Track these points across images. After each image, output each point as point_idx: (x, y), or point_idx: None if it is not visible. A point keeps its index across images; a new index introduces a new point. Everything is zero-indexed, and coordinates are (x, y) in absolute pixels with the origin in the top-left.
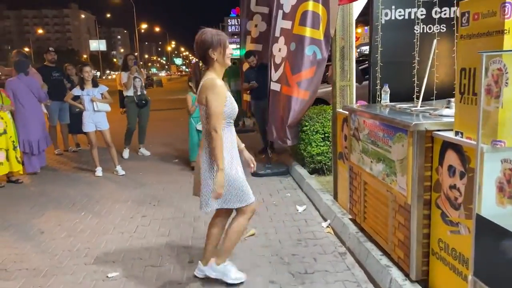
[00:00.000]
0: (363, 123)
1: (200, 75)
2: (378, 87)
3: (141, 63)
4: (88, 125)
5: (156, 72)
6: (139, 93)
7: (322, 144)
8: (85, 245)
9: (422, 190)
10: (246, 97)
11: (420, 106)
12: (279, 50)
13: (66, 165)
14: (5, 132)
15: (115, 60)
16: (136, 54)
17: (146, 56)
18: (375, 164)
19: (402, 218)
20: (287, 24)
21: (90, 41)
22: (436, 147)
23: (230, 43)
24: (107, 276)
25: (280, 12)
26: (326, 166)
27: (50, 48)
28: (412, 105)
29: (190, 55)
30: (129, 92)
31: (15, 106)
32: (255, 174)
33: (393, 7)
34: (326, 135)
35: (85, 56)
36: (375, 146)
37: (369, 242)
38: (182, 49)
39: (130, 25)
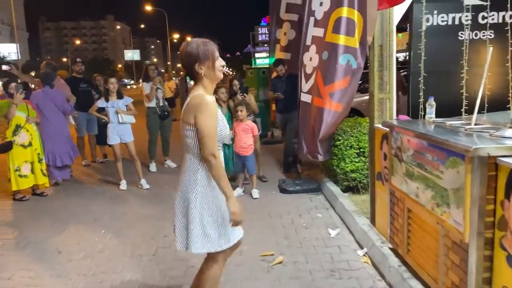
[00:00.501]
0: (407, 142)
1: (186, 90)
2: (421, 99)
3: (173, 72)
4: (113, 138)
5: (188, 80)
6: (161, 104)
7: (356, 160)
8: (101, 268)
9: (483, 227)
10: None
11: (475, 124)
12: (310, 59)
13: (92, 177)
14: (30, 144)
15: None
16: (168, 63)
17: (179, 65)
18: (422, 190)
19: (456, 258)
20: (319, 32)
21: (125, 51)
22: (502, 176)
23: (260, 51)
24: None
25: (312, 19)
26: (361, 184)
27: (78, 59)
28: (464, 121)
29: None
30: (151, 104)
31: (40, 118)
32: (283, 191)
33: (435, 12)
34: (361, 150)
35: (119, 65)
36: (422, 170)
37: (414, 279)
38: None
39: (163, 35)
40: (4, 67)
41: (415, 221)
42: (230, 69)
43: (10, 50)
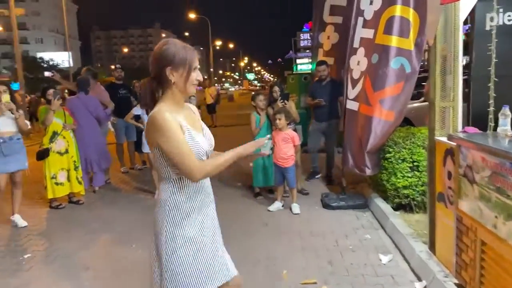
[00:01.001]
0: (482, 161)
1: (151, 95)
2: (491, 108)
3: (215, 78)
4: (147, 145)
5: (229, 86)
6: None
7: (409, 175)
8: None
9: None
10: None
11: None
12: (358, 63)
13: (129, 184)
14: (66, 151)
15: None
16: (211, 70)
17: (220, 71)
18: (503, 221)
19: None
20: (368, 33)
21: None
22: None
23: (301, 57)
24: None
25: (360, 19)
26: (415, 202)
27: (117, 65)
28: None
29: (262, 70)
30: None
31: (75, 125)
32: (326, 206)
33: (501, 10)
34: (415, 164)
35: None
36: (503, 196)
37: None
38: (255, 64)
39: (206, 42)
40: (47, 74)
41: (491, 257)
42: (271, 76)
43: (63, 58)
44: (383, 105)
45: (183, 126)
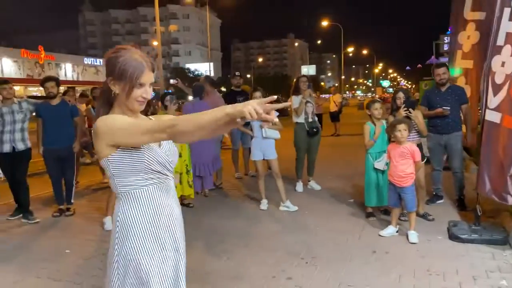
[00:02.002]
0: None
1: (104, 103)
2: None
3: (347, 86)
4: (256, 153)
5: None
6: (310, 119)
7: None
8: None
9: None
10: None
11: None
12: (502, 64)
13: (239, 190)
14: (180, 155)
15: (322, 83)
16: (342, 77)
17: (352, 79)
18: None
19: None
20: None
21: (302, 66)
22: None
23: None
24: None
25: (507, 11)
26: None
27: (236, 73)
28: None
29: (398, 77)
30: (300, 119)
31: None
32: (453, 237)
33: None
34: None
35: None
36: None
37: None
38: (390, 70)
39: (339, 49)
40: (172, 81)
41: None
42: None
43: (206, 68)
44: None
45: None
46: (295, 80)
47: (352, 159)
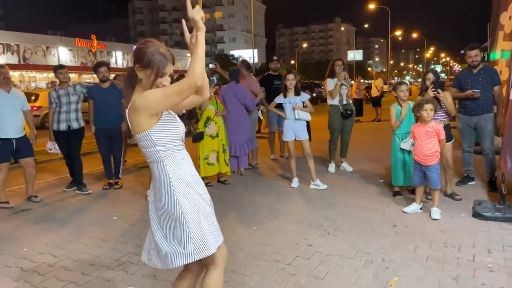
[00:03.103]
0: None
1: (129, 84)
2: None
3: (396, 71)
4: (288, 134)
5: (412, 80)
6: (344, 102)
7: None
8: (236, 267)
9: None
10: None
11: None
12: None
13: (274, 171)
14: (217, 135)
15: (369, 69)
16: (391, 62)
17: (402, 64)
18: None
19: None
20: None
21: (348, 51)
22: None
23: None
24: None
25: None
26: None
27: (274, 57)
28: None
29: (451, 61)
30: (334, 101)
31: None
32: (476, 215)
33: None
34: None
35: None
36: None
37: None
38: (442, 55)
39: (387, 33)
40: (211, 66)
41: None
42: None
43: (250, 55)
44: None
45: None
46: (330, 63)
47: (389, 144)
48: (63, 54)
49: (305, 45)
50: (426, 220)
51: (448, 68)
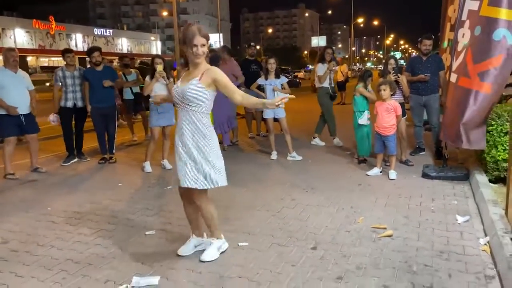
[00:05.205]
0: None
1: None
2: None
3: (357, 57)
4: (268, 112)
5: (373, 66)
6: (332, 85)
7: None
8: (235, 215)
9: None
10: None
11: None
12: (463, 35)
13: (252, 147)
14: None
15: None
16: (353, 48)
17: (364, 50)
18: None
19: None
20: (474, 5)
21: (312, 37)
22: None
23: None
24: (238, 244)
25: None
26: None
27: (251, 43)
28: None
29: (410, 48)
30: (325, 84)
31: None
32: (424, 175)
33: None
34: None
35: (305, 52)
36: None
37: None
38: (401, 42)
39: (350, 20)
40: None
41: None
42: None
43: (215, 39)
44: (482, 77)
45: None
46: (322, 49)
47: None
48: (19, 36)
49: (270, 30)
50: (385, 180)
51: (407, 55)
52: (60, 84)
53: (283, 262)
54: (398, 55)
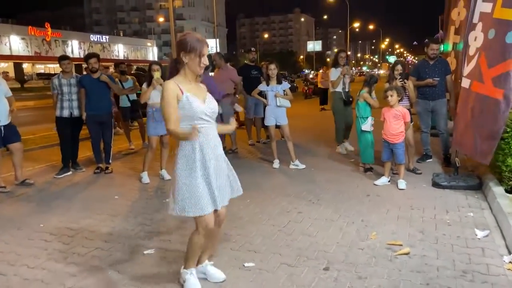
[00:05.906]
0: None
1: (172, 70)
2: None
3: (353, 61)
4: (269, 119)
5: (368, 70)
6: (346, 89)
7: None
8: (238, 231)
9: None
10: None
11: None
12: (475, 39)
13: (253, 154)
14: None
15: (328, 59)
16: (349, 53)
17: (359, 54)
18: None
19: None
20: (487, 7)
21: (308, 42)
22: None
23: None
24: (243, 265)
25: None
26: None
27: (252, 48)
28: None
29: (405, 52)
30: (338, 88)
31: None
32: (435, 185)
33: None
34: None
35: (301, 56)
36: None
37: None
38: (397, 46)
39: (346, 25)
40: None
41: None
42: (415, 58)
43: (212, 45)
44: (494, 83)
45: (183, 92)
46: (335, 53)
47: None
48: (15, 43)
49: (266, 35)
50: (394, 190)
51: (402, 59)
52: (56, 92)
53: (294, 285)
54: (393, 59)
